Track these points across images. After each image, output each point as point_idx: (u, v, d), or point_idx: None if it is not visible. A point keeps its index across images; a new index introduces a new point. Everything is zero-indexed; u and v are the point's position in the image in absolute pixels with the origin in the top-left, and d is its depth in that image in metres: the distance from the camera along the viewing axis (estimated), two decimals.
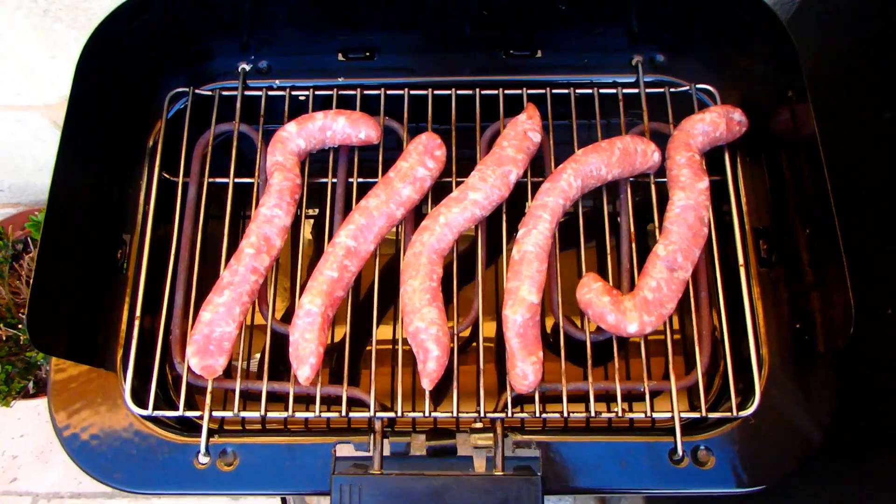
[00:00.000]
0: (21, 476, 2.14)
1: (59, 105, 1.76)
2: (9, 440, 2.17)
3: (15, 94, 1.73)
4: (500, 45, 1.32)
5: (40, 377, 1.95)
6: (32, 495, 2.10)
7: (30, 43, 1.55)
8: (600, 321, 1.09)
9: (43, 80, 1.67)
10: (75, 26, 1.50)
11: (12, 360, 1.85)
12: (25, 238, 2.09)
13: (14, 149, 1.96)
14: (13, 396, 1.86)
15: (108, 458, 1.10)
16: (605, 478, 1.07)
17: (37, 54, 1.59)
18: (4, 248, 2.02)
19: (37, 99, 1.74)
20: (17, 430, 2.19)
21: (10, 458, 2.17)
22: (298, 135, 1.20)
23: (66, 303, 1.11)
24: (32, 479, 2.12)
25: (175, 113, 1.31)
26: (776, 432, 1.08)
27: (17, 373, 1.87)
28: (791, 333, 1.13)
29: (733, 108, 1.19)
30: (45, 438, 2.19)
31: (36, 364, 1.91)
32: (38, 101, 1.75)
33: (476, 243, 1.18)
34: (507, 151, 1.17)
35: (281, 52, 1.32)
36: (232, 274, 1.12)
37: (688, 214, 1.12)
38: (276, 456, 1.11)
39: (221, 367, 1.11)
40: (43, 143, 1.93)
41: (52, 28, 1.50)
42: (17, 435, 2.18)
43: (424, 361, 1.07)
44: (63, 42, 1.55)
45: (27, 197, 2.24)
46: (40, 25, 1.50)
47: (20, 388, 1.87)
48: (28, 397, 1.93)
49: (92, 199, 1.18)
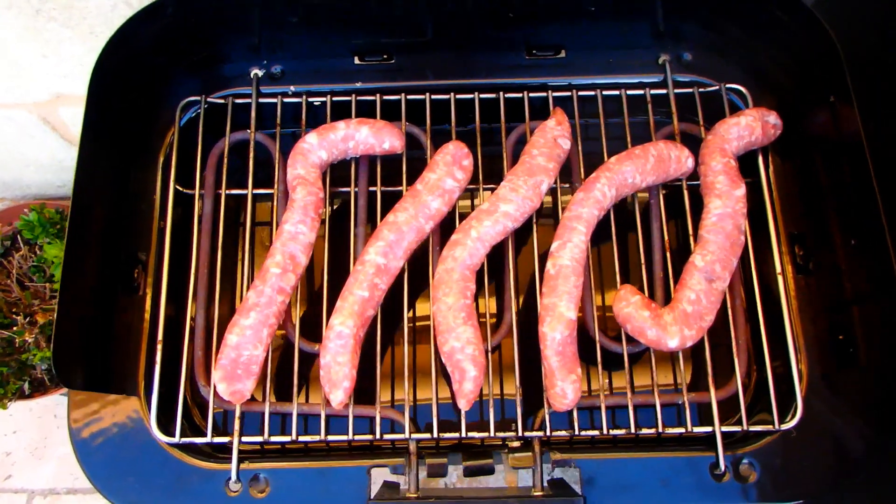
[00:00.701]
0: (15, 473, 2.11)
1: (48, 102, 1.70)
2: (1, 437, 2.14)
3: (4, 90, 1.67)
4: (523, 45, 1.26)
5: (35, 377, 1.90)
6: (28, 492, 2.08)
7: (21, 42, 1.49)
8: (640, 336, 1.07)
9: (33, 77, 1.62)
10: (69, 25, 1.44)
11: (6, 360, 1.80)
12: (13, 234, 2.01)
13: (1, 145, 1.91)
14: (9, 398, 1.81)
15: (135, 487, 1.08)
16: (647, 496, 1.06)
17: (28, 53, 1.53)
18: None
19: (26, 96, 1.69)
20: (10, 427, 2.17)
21: (3, 455, 2.14)
22: (320, 146, 1.15)
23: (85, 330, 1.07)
24: (27, 476, 2.09)
25: (187, 122, 1.25)
26: (818, 445, 1.07)
27: (12, 374, 1.82)
28: (831, 344, 1.11)
29: (768, 110, 1.16)
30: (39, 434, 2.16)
31: (31, 364, 1.85)
32: (27, 99, 1.70)
33: (505, 253, 1.15)
34: (538, 160, 1.13)
35: (294, 56, 1.26)
36: (258, 295, 1.08)
37: (725, 223, 1.10)
38: (308, 480, 1.09)
39: (249, 392, 1.07)
40: (31, 139, 1.88)
41: (45, 27, 1.44)
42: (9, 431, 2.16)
43: (461, 381, 1.04)
44: (55, 41, 1.49)
45: (13, 192, 2.20)
46: (32, 25, 1.44)
47: (15, 389, 1.82)
48: (24, 398, 1.88)
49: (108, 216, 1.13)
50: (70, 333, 0.99)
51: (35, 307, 1.88)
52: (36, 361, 1.86)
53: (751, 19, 1.20)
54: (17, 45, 1.49)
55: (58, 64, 1.56)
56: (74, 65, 1.54)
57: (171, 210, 1.21)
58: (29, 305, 1.88)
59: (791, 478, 1.06)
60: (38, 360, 1.85)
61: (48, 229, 1.83)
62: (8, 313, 1.85)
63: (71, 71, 1.56)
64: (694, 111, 1.23)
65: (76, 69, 1.55)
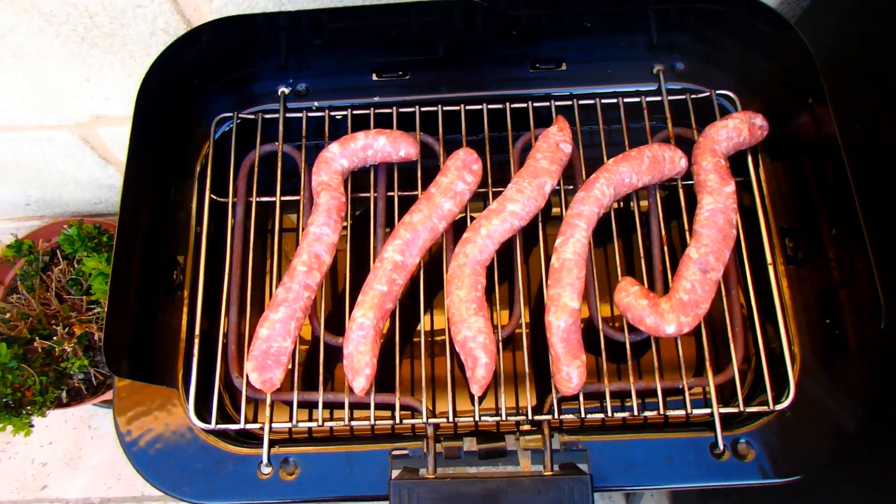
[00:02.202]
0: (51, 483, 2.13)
1: (89, 123, 1.82)
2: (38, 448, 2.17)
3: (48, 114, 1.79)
4: (527, 60, 1.37)
5: (72, 386, 1.99)
6: (63, 502, 2.11)
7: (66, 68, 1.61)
8: (639, 323, 1.14)
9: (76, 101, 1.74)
10: (111, 52, 1.56)
11: (45, 370, 1.89)
12: (53, 249, 2.12)
13: (42, 165, 2.02)
14: (48, 406, 1.90)
15: (175, 472, 1.16)
16: (652, 474, 1.12)
17: (72, 78, 1.65)
18: (35, 261, 2.06)
19: (68, 118, 1.80)
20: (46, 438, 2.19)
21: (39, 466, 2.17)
22: (342, 155, 1.26)
23: (131, 324, 1.16)
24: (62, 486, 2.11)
25: (221, 136, 1.37)
26: (812, 424, 1.13)
27: (51, 383, 1.90)
28: (821, 328, 1.18)
29: (755, 113, 1.25)
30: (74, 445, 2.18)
31: (68, 374, 1.95)
32: (69, 121, 1.81)
33: (513, 249, 1.23)
34: (542, 163, 1.22)
35: (318, 74, 1.37)
36: (286, 291, 1.17)
37: (717, 217, 1.18)
38: (334, 463, 1.16)
39: (279, 381, 1.16)
40: (70, 159, 1.99)
41: (89, 53, 1.56)
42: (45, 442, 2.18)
43: (473, 368, 1.12)
44: (98, 66, 1.61)
45: (52, 209, 2.30)
46: (77, 52, 1.56)
47: (54, 398, 1.91)
48: (61, 406, 1.97)
49: (148, 224, 1.24)
50: (118, 327, 1.09)
51: (73, 319, 1.98)
52: (74, 370, 1.96)
53: (737, 32, 1.29)
54: (62, 70, 1.61)
55: (99, 87, 1.68)
56: (115, 87, 1.65)
57: (207, 217, 1.31)
58: (67, 317, 1.99)
59: (787, 455, 1.12)
60: (75, 367, 1.95)
61: (87, 243, 1.95)
62: (47, 325, 1.95)
63: (111, 93, 1.68)
64: (687, 116, 1.32)
65: (116, 91, 1.67)
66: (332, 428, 1.22)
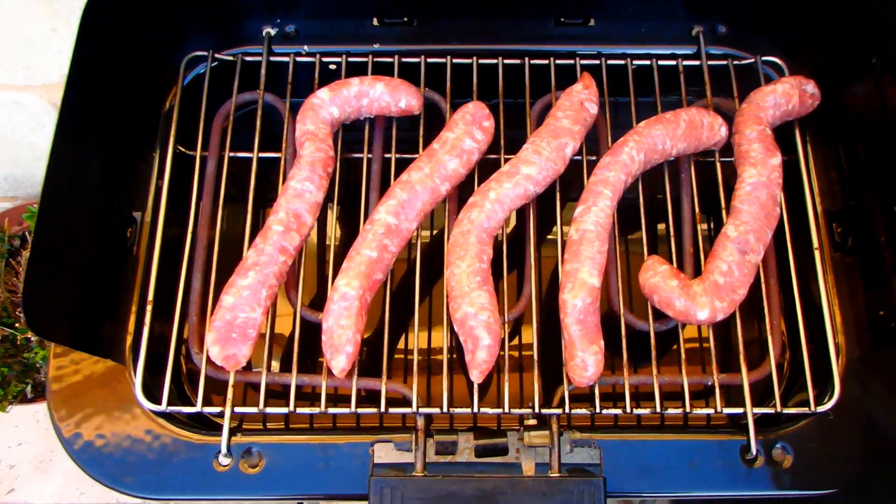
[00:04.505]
0: (19, 487, 2.03)
1: (59, 84, 1.64)
2: (6, 449, 2.07)
3: (12, 71, 1.61)
4: (550, 12, 1.22)
5: (39, 380, 1.86)
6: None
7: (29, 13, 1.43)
8: (667, 308, 1.00)
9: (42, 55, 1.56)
10: None
11: (9, 361, 1.77)
12: (23, 233, 1.99)
13: (10, 134, 1.84)
14: (9, 401, 1.78)
15: (117, 460, 0.99)
16: (673, 479, 0.98)
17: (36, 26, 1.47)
18: (1, 244, 1.91)
19: (36, 78, 1.63)
20: (15, 439, 2.09)
21: (6, 468, 2.06)
22: (332, 102, 1.09)
23: (69, 285, 0.99)
24: (31, 490, 2.00)
25: (192, 79, 1.20)
26: (855, 429, 1.01)
27: (14, 376, 1.80)
28: (870, 322, 1.05)
29: (806, 79, 1.12)
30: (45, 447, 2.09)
31: (34, 366, 1.82)
32: (36, 81, 1.64)
33: (526, 222, 1.08)
34: (563, 123, 1.07)
35: (310, 15, 1.22)
36: (258, 254, 1.01)
37: (760, 192, 1.04)
38: (306, 456, 1.00)
39: (245, 358, 0.99)
40: (42, 129, 1.81)
41: None
42: (14, 444, 2.08)
43: (474, 351, 0.97)
44: (66, 12, 1.43)
45: (25, 189, 2.11)
46: None
47: (17, 392, 1.79)
48: (26, 402, 1.85)
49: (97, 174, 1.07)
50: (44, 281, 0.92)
51: None
52: (38, 360, 1.82)
53: None
54: (25, 17, 1.43)
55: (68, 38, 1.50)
56: None
57: (170, 170, 1.14)
58: None
59: (828, 464, 0.98)
60: (39, 358, 1.81)
61: None
62: (13, 313, 1.81)
63: None
64: (728, 86, 1.18)
65: None
66: (311, 417, 1.05)
